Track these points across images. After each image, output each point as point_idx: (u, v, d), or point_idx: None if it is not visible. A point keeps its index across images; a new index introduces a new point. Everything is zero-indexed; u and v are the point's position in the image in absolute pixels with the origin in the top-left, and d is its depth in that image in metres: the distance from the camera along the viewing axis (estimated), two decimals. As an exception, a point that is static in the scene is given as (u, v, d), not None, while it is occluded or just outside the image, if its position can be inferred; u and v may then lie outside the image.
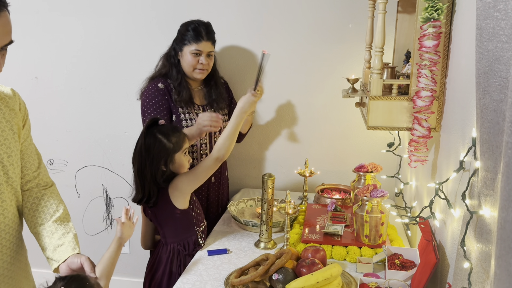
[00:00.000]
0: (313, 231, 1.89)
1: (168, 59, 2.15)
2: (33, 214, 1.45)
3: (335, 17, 2.33)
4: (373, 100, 1.58)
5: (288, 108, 2.50)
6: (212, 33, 2.12)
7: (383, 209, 1.73)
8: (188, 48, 2.07)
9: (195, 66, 2.08)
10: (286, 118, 2.51)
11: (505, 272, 0.69)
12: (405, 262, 1.55)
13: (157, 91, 2.09)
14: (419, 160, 1.58)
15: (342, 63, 2.37)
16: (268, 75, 2.47)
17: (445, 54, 1.46)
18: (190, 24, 2.09)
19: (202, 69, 2.10)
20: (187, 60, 2.08)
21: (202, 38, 2.06)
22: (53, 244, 1.40)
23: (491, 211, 0.91)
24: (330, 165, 2.51)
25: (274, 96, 2.46)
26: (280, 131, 2.54)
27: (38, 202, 1.46)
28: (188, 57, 2.08)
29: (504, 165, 0.69)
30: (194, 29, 2.06)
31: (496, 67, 0.81)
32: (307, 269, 1.45)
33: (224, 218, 2.15)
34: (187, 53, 2.07)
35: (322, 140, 2.50)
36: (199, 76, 2.12)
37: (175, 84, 2.10)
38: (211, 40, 2.11)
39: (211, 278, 1.61)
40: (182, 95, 2.09)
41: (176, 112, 2.11)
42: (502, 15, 0.78)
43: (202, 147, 2.17)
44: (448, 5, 1.41)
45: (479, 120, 0.92)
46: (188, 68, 2.10)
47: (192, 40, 2.06)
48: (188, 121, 2.12)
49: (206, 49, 2.08)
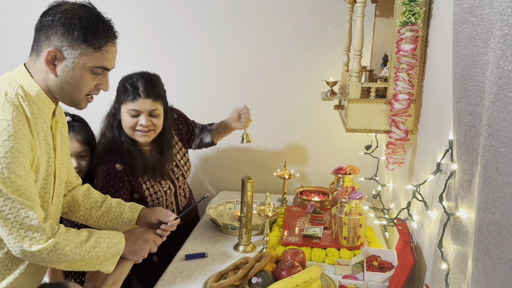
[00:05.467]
0: (292, 234, 1.89)
1: (110, 121, 1.88)
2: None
3: (314, 21, 2.35)
4: (351, 103, 1.59)
5: (266, 110, 2.50)
6: (154, 87, 1.81)
7: (362, 211, 1.74)
8: (124, 108, 1.79)
9: (134, 127, 1.80)
10: (265, 120, 2.51)
11: (482, 273, 0.70)
12: (383, 263, 1.56)
13: (114, 173, 1.82)
14: (396, 162, 1.59)
15: (320, 66, 2.38)
16: (247, 77, 2.47)
17: (422, 58, 1.48)
18: (128, 80, 1.80)
19: (144, 132, 1.81)
20: (125, 121, 1.81)
21: (138, 95, 1.76)
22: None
23: (468, 213, 0.93)
24: (309, 168, 2.52)
25: (253, 98, 2.46)
26: (259, 134, 2.53)
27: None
28: (125, 117, 1.80)
29: (481, 167, 0.70)
30: (131, 85, 1.78)
31: (472, 71, 0.83)
32: (286, 272, 1.45)
33: (203, 222, 2.12)
34: (124, 112, 1.80)
35: (301, 143, 2.51)
36: (142, 140, 1.83)
37: (124, 151, 1.84)
38: (152, 97, 1.78)
39: (190, 282, 1.59)
40: (137, 164, 1.85)
41: (140, 191, 1.89)
42: (478, 20, 0.79)
43: (168, 207, 2.00)
44: (425, 10, 1.43)
45: (455, 123, 0.93)
46: (128, 130, 1.82)
47: (127, 98, 1.77)
48: (153, 195, 1.92)
49: (145, 107, 1.77)
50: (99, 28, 1.26)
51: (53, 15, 1.25)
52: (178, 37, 2.48)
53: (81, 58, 1.26)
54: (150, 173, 1.91)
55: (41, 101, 1.29)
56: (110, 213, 1.59)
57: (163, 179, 1.96)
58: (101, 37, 1.27)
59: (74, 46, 1.25)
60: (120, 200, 1.64)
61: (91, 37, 1.25)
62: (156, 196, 1.94)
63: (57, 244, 1.24)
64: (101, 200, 1.62)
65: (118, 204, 1.62)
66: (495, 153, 0.65)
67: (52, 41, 1.25)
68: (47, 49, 1.24)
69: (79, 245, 1.29)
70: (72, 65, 1.26)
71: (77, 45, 1.25)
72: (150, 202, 1.93)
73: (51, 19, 1.24)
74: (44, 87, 1.29)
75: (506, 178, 0.63)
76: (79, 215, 1.58)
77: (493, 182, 0.66)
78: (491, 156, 0.66)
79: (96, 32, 1.26)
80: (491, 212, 0.67)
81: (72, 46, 1.25)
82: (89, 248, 1.31)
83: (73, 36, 1.24)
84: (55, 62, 1.26)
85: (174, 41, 2.49)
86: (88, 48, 1.26)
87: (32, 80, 1.28)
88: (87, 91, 1.32)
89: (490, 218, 0.67)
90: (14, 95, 1.24)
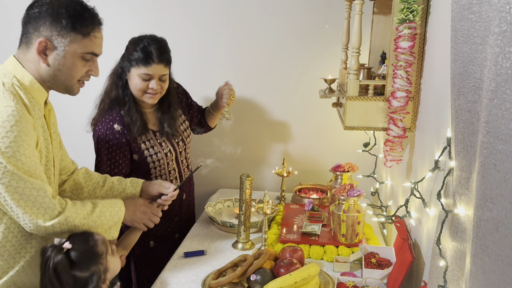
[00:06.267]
0: (291, 231, 1.89)
1: (115, 80, 1.88)
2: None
3: (312, 18, 2.34)
4: (349, 101, 1.59)
5: (265, 108, 2.50)
6: (165, 53, 1.84)
7: (360, 208, 1.75)
8: (136, 71, 1.80)
9: (145, 90, 1.83)
10: (264, 118, 2.51)
11: (480, 270, 0.70)
12: (381, 260, 1.56)
13: (113, 134, 1.84)
14: (394, 159, 1.60)
15: (318, 64, 2.38)
16: (245, 75, 2.46)
17: (420, 55, 1.48)
18: (139, 43, 1.80)
19: (153, 94, 1.84)
20: (135, 83, 1.82)
21: (152, 60, 1.78)
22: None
23: (466, 210, 0.93)
24: (308, 165, 2.52)
25: (251, 96, 2.46)
26: (258, 131, 2.54)
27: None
28: (136, 80, 1.81)
29: (479, 164, 0.70)
30: (143, 49, 1.78)
31: (470, 69, 0.83)
32: (285, 269, 1.45)
33: (201, 219, 2.12)
34: (135, 75, 1.81)
35: (300, 140, 2.51)
36: (150, 101, 1.87)
37: (124, 111, 1.86)
38: (164, 62, 1.82)
39: (188, 280, 1.59)
40: (135, 124, 1.85)
41: (138, 151, 1.90)
42: (476, 17, 0.79)
43: (170, 173, 2.01)
44: (423, 7, 1.43)
45: (454, 120, 0.93)
46: (137, 92, 1.84)
47: (140, 63, 1.78)
48: (153, 156, 1.93)
49: (158, 72, 1.81)
50: (85, 15, 1.33)
51: (39, 7, 1.30)
52: (176, 36, 2.48)
53: (71, 46, 1.32)
54: (150, 134, 1.94)
55: (35, 90, 1.34)
56: (114, 191, 1.68)
57: (168, 139, 1.99)
58: (88, 24, 1.33)
59: (63, 34, 1.30)
60: (120, 177, 1.72)
61: (79, 24, 1.31)
62: (157, 157, 1.94)
63: (68, 218, 1.33)
64: (102, 180, 1.69)
65: (119, 181, 1.70)
66: (493, 150, 0.65)
67: (42, 32, 1.30)
68: (37, 39, 1.30)
69: (87, 216, 1.38)
70: (63, 53, 1.32)
71: (66, 33, 1.31)
72: (151, 163, 1.93)
73: (38, 10, 1.30)
74: (37, 77, 1.34)
75: (504, 175, 0.63)
76: (83, 197, 1.66)
77: (491, 179, 0.66)
78: (489, 153, 0.66)
79: (83, 19, 1.32)
80: (489, 209, 0.67)
81: (62, 35, 1.30)
82: (95, 218, 1.40)
83: (61, 25, 1.30)
84: (46, 52, 1.32)
85: (173, 40, 2.48)
86: (77, 35, 1.32)
87: (24, 70, 1.33)
88: (79, 77, 1.38)
89: (488, 215, 0.67)
90: (10, 84, 1.30)
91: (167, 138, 1.98)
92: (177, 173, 2.04)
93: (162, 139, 1.97)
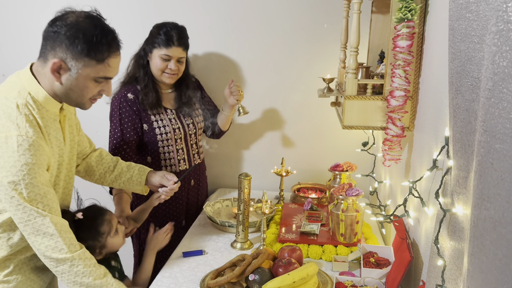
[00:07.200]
0: (290, 231, 1.89)
1: (137, 60, 2.08)
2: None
3: (310, 17, 2.34)
4: (348, 100, 1.58)
5: (264, 107, 2.50)
6: (184, 38, 2.04)
7: (358, 207, 1.75)
8: (157, 52, 2.00)
9: (164, 70, 2.02)
10: (263, 117, 2.51)
11: (477, 269, 0.70)
12: (380, 260, 1.56)
13: (126, 101, 2.02)
14: (393, 159, 1.59)
15: (317, 63, 2.38)
16: (244, 74, 2.46)
17: (418, 54, 1.48)
18: (162, 27, 2.01)
19: (171, 74, 2.04)
20: (156, 63, 2.02)
21: (172, 43, 1.98)
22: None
23: (464, 209, 0.93)
24: (306, 165, 2.52)
25: (250, 96, 2.45)
26: (257, 131, 2.53)
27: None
28: (157, 60, 2.01)
29: (477, 163, 0.70)
30: (165, 33, 1.98)
31: (468, 67, 0.82)
32: (283, 269, 1.45)
33: (200, 219, 2.12)
34: (156, 56, 2.01)
35: (298, 140, 2.51)
36: (168, 81, 2.05)
37: (141, 86, 2.04)
38: (183, 46, 2.02)
39: (187, 280, 1.59)
40: (149, 98, 2.03)
41: (148, 121, 2.05)
42: (474, 16, 0.79)
43: (178, 152, 2.13)
44: (421, 6, 1.43)
45: (451, 119, 0.93)
46: (156, 72, 2.03)
47: (162, 44, 1.98)
48: (162, 128, 2.07)
49: (176, 54, 2.01)
50: (103, 41, 1.33)
51: (59, 27, 1.32)
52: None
53: (85, 70, 1.35)
54: (162, 109, 2.10)
55: (49, 104, 1.40)
56: (122, 176, 1.78)
57: (178, 117, 2.13)
58: (104, 51, 1.34)
59: (77, 58, 1.33)
60: (130, 163, 1.82)
61: (94, 51, 1.33)
62: (165, 130, 2.07)
63: (74, 261, 1.37)
64: (113, 164, 1.79)
65: (129, 167, 1.79)
66: (490, 149, 0.65)
67: (58, 52, 1.32)
68: (52, 59, 1.32)
69: (96, 278, 1.41)
70: (76, 75, 1.35)
71: (81, 58, 1.33)
72: (158, 135, 2.06)
73: (56, 30, 1.32)
74: (50, 92, 1.39)
75: (501, 174, 0.63)
76: (95, 179, 1.79)
77: (488, 178, 0.66)
78: (486, 152, 0.66)
79: (100, 45, 1.33)
80: (486, 208, 0.67)
81: (76, 59, 1.33)
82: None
83: (77, 50, 1.31)
84: (60, 71, 1.35)
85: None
86: (91, 61, 1.34)
87: (39, 86, 1.37)
88: (90, 96, 1.42)
89: (486, 214, 0.67)
90: (24, 105, 1.33)
91: (177, 116, 2.12)
92: (186, 154, 2.15)
93: (173, 116, 2.12)
